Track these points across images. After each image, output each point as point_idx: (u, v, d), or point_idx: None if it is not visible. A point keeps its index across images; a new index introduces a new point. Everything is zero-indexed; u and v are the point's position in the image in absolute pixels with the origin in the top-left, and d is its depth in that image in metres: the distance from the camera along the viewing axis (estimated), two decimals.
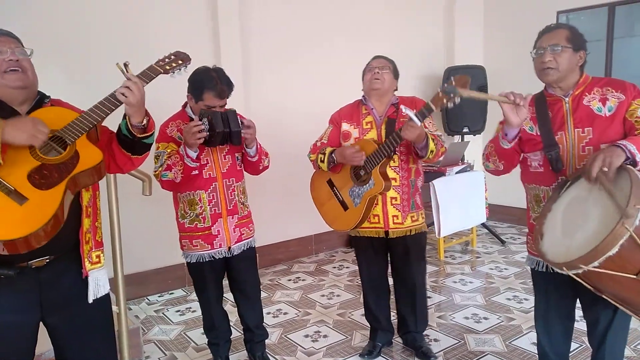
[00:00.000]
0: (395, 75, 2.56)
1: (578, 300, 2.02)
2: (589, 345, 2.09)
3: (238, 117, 2.30)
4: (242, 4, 4.00)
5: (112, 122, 1.69)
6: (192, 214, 2.37)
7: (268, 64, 4.22)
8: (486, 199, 4.55)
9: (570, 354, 2.17)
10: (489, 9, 5.57)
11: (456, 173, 4.42)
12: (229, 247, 2.42)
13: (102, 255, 1.69)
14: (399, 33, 4.99)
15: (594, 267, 1.46)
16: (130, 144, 1.65)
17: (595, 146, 1.79)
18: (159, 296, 3.80)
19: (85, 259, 1.61)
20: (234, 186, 2.41)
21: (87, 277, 1.63)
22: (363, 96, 2.60)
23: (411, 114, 2.18)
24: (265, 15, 4.18)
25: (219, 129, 2.21)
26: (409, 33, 5.11)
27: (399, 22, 5.04)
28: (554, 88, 1.92)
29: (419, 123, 2.19)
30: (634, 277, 1.46)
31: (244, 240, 2.47)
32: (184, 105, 2.43)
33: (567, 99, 1.89)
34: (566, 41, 1.83)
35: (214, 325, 2.55)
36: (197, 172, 2.29)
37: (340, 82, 4.47)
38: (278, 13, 4.24)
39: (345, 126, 2.58)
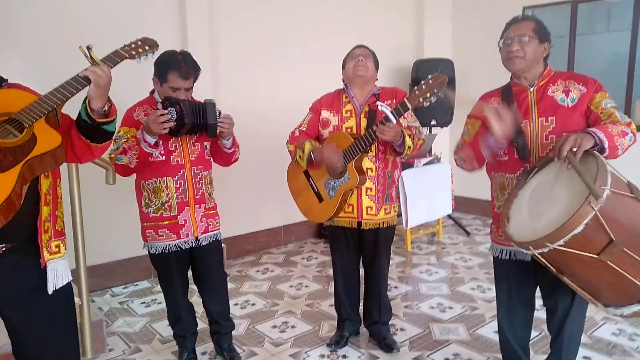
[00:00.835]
0: (376, 65, 2.56)
1: (538, 289, 2.10)
2: (548, 333, 2.16)
3: (216, 108, 2.25)
4: None
5: (74, 111, 1.63)
6: (157, 202, 2.30)
7: (238, 52, 4.15)
8: (452, 190, 4.64)
9: (530, 342, 2.25)
10: (458, 3, 5.65)
11: (424, 165, 4.48)
12: (197, 237, 2.37)
13: (62, 245, 1.63)
14: (369, 26, 5.00)
15: (560, 245, 1.52)
16: (90, 129, 1.59)
17: (558, 135, 1.85)
18: (124, 288, 3.72)
19: (44, 249, 1.55)
20: (202, 175, 2.37)
21: (45, 267, 1.57)
22: (345, 85, 2.60)
23: (387, 111, 2.20)
24: (235, 4, 4.10)
25: (188, 120, 2.15)
26: (379, 26, 5.12)
27: (370, 15, 5.04)
28: (519, 78, 1.98)
29: (394, 121, 2.21)
30: (596, 256, 1.52)
31: (211, 231, 2.43)
32: (152, 91, 2.36)
33: (532, 89, 1.95)
34: (532, 32, 1.89)
35: (180, 318, 2.51)
36: (163, 157, 2.23)
37: (312, 73, 4.48)
38: (248, 3, 4.18)
39: (324, 113, 2.58)
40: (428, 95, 2.14)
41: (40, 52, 3.23)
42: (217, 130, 2.27)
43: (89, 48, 1.54)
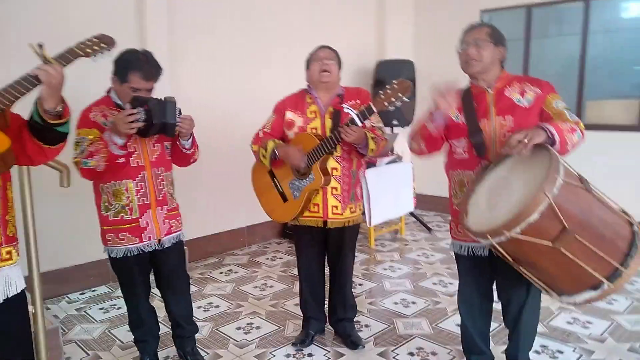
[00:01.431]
0: (340, 65, 2.57)
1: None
2: (505, 326, 2.24)
3: (177, 108, 2.18)
4: None
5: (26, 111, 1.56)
6: (117, 205, 2.23)
7: (199, 50, 4.08)
8: (414, 188, 4.73)
9: (490, 333, 2.33)
10: (419, 6, 5.75)
11: (386, 164, 4.54)
12: (159, 240, 2.32)
13: (13, 251, 1.56)
14: (332, 26, 5.01)
15: (516, 233, 1.58)
16: (42, 131, 1.52)
17: None
18: (81, 294, 3.60)
19: None
20: (163, 176, 2.31)
21: None
22: (308, 85, 2.59)
23: (353, 114, 2.23)
24: (195, 2, 4.03)
25: (157, 120, 2.08)
26: (342, 27, 5.14)
27: (332, 16, 5.06)
28: (477, 80, 2.06)
29: (360, 124, 2.24)
30: (550, 244, 1.59)
31: (174, 233, 2.38)
32: (108, 91, 2.28)
33: (490, 90, 2.03)
34: (488, 37, 1.99)
35: (142, 322, 2.44)
36: (123, 160, 2.16)
37: (275, 72, 4.46)
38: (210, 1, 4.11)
39: (289, 115, 2.56)
40: (393, 99, 2.18)
41: None
42: (176, 130, 2.22)
43: (40, 46, 1.47)
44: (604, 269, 1.62)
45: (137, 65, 2.12)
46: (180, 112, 2.21)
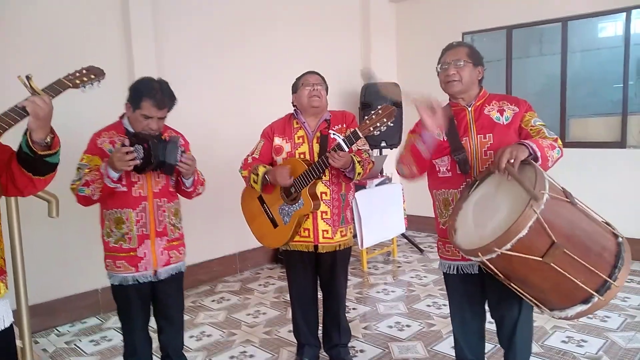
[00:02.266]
0: (326, 91, 2.61)
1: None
2: (500, 346, 2.23)
3: (179, 148, 2.18)
4: (155, 13, 3.88)
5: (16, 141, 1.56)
6: (117, 232, 2.22)
7: (188, 76, 4.11)
8: (404, 209, 4.74)
9: (485, 355, 2.31)
10: (402, 29, 5.89)
11: (376, 186, 4.56)
12: (155, 271, 2.29)
13: (2, 284, 1.53)
14: (318, 52, 5.10)
15: (507, 249, 1.59)
16: (32, 162, 1.51)
17: (496, 151, 1.95)
18: (70, 326, 3.52)
19: None
20: (165, 207, 2.29)
21: None
22: (295, 110, 2.61)
23: (340, 139, 2.26)
24: (183, 26, 4.08)
25: (155, 160, 2.08)
26: (328, 52, 5.23)
27: (318, 42, 5.15)
28: (457, 99, 2.10)
29: (347, 149, 2.27)
30: (540, 259, 1.60)
31: (172, 264, 2.34)
32: (121, 116, 2.29)
33: (470, 108, 2.08)
34: (467, 57, 2.04)
35: (136, 352, 2.39)
36: (125, 189, 2.17)
37: (264, 97, 4.50)
38: (195, 25, 4.16)
39: (277, 140, 2.58)
40: (378, 124, 2.21)
41: None
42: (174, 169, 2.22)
43: (28, 77, 1.47)
44: (593, 282, 1.63)
45: (150, 93, 2.13)
46: (184, 152, 2.22)
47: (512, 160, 1.73)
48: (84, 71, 1.61)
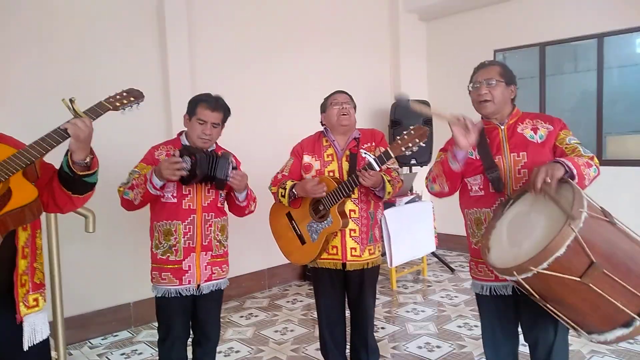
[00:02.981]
0: (355, 109, 2.62)
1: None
2: None
3: (230, 163, 2.24)
4: (191, 28, 4.00)
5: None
6: (165, 244, 2.27)
7: (222, 94, 4.20)
8: (435, 228, 4.67)
9: None
10: (432, 48, 5.89)
11: (406, 203, 4.52)
12: (198, 285, 2.31)
13: (41, 298, 1.58)
14: (348, 70, 5.14)
15: (543, 268, 1.54)
16: (71, 182, 1.58)
17: (530, 169, 1.93)
18: (102, 339, 3.59)
19: (20, 303, 1.51)
20: (212, 222, 2.34)
21: (22, 322, 1.52)
22: (325, 128, 2.64)
23: (371, 158, 2.26)
24: (216, 47, 4.19)
25: (200, 174, 2.14)
26: (357, 70, 5.27)
27: (348, 60, 5.19)
28: (490, 118, 2.07)
29: (377, 169, 2.27)
30: (578, 279, 1.55)
31: (214, 280, 2.37)
32: (180, 133, 2.41)
33: (502, 127, 2.05)
34: (499, 76, 2.02)
35: None
36: (175, 200, 2.25)
37: (294, 114, 4.54)
38: (227, 44, 4.27)
39: (306, 158, 2.61)
40: (410, 145, 2.20)
41: (23, 103, 3.23)
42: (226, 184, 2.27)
43: (71, 100, 1.54)
44: (635, 305, 1.57)
45: (205, 99, 2.28)
46: (235, 168, 2.28)
47: (548, 180, 1.69)
48: (124, 94, 1.66)
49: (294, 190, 2.48)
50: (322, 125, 2.65)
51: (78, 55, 3.46)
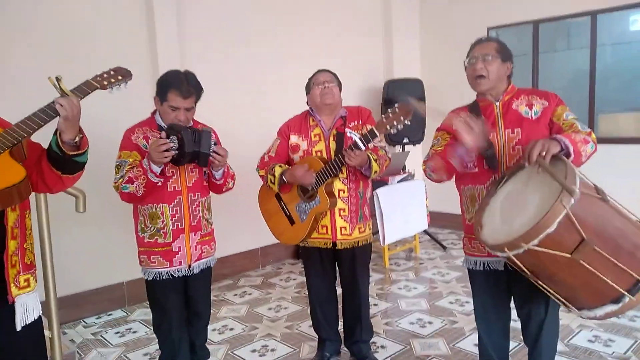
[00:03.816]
0: (340, 87, 2.59)
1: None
2: (525, 344, 2.19)
3: (212, 139, 2.19)
4: (179, 5, 3.92)
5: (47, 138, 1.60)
6: (152, 227, 2.23)
7: (210, 74, 4.14)
8: (427, 206, 4.70)
9: (510, 352, 2.28)
10: (425, 25, 5.82)
11: (398, 182, 4.53)
12: (189, 265, 2.30)
13: (32, 278, 1.58)
14: (340, 48, 5.08)
15: (534, 245, 1.56)
16: (61, 161, 1.55)
17: (524, 145, 1.92)
18: (97, 318, 3.61)
19: (11, 284, 1.50)
20: (199, 201, 2.31)
21: (13, 302, 1.51)
22: (310, 108, 2.61)
23: (356, 137, 2.25)
24: (206, 23, 4.12)
25: (189, 149, 2.09)
26: (350, 48, 5.21)
27: (340, 38, 5.13)
28: (485, 94, 2.07)
29: (363, 148, 2.26)
30: (569, 255, 1.57)
31: (204, 258, 2.36)
32: (153, 112, 2.32)
33: (497, 103, 2.04)
34: (495, 52, 2.00)
35: (174, 357, 2.35)
36: (160, 184, 2.18)
37: (283, 95, 4.50)
38: (217, 23, 4.20)
39: (293, 138, 2.59)
40: (395, 123, 2.21)
41: (8, 80, 3.17)
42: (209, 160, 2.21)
43: (58, 79, 1.50)
44: (624, 282, 1.59)
45: (175, 84, 2.15)
46: (215, 144, 2.22)
47: (543, 153, 1.70)
48: (112, 72, 1.63)
49: (283, 177, 2.47)
50: (308, 105, 2.62)
51: (63, 32, 3.38)
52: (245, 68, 4.39)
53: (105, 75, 1.61)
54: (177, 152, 2.08)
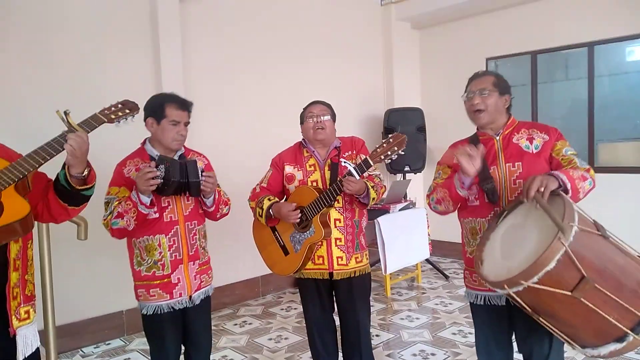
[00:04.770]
0: (334, 118, 2.60)
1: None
2: None
3: (199, 166, 2.18)
4: (184, 39, 4.00)
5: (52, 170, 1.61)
6: (149, 260, 2.18)
7: (214, 105, 4.21)
8: (429, 234, 4.69)
9: None
10: (425, 56, 5.93)
11: (399, 210, 4.53)
12: (190, 296, 2.25)
13: (31, 309, 1.57)
14: (342, 77, 5.16)
15: (534, 282, 1.54)
16: (68, 195, 1.57)
17: (525, 180, 1.92)
18: (95, 347, 3.56)
19: (13, 316, 1.49)
20: (196, 229, 2.28)
21: (14, 335, 1.50)
22: (303, 139, 2.63)
23: (351, 167, 2.27)
24: (207, 54, 4.19)
25: (175, 178, 2.07)
26: (352, 78, 5.29)
27: (342, 68, 5.21)
28: (485, 128, 2.09)
29: (357, 177, 2.27)
30: (569, 293, 1.54)
31: (203, 288, 2.33)
32: (143, 143, 2.30)
33: (497, 137, 2.06)
34: (492, 86, 2.02)
35: None
36: (157, 215, 2.15)
37: (286, 123, 4.54)
38: (221, 53, 4.28)
39: (288, 169, 2.60)
40: (389, 153, 2.23)
41: (16, 114, 3.21)
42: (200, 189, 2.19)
43: (66, 113, 1.52)
44: (628, 320, 1.56)
45: (169, 98, 2.17)
46: (202, 172, 2.19)
47: (542, 189, 1.70)
48: (119, 105, 1.65)
49: (270, 210, 2.48)
50: (303, 136, 2.63)
51: (71, 63, 3.45)
52: (248, 99, 4.45)
53: (113, 109, 1.64)
54: (162, 181, 2.05)
